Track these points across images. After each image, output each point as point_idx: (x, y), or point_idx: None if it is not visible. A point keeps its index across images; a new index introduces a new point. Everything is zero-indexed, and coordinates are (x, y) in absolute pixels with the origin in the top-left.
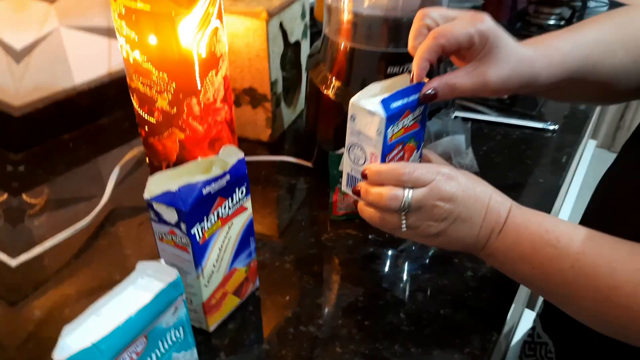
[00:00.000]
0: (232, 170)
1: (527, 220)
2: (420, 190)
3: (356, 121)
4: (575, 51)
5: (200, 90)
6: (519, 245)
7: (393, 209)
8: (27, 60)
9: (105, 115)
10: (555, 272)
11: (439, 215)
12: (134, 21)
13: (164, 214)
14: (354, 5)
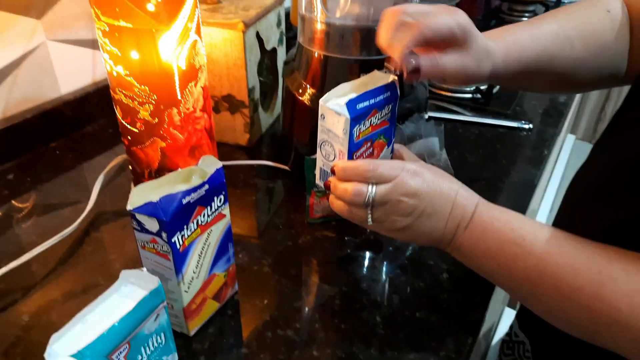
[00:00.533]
0: (210, 180)
1: (493, 217)
2: (384, 186)
3: (325, 120)
4: (534, 45)
5: (180, 101)
6: (484, 242)
7: (358, 204)
8: (16, 73)
9: (90, 123)
10: (519, 270)
11: (403, 210)
12: (117, 38)
13: (146, 224)
14: (326, 15)
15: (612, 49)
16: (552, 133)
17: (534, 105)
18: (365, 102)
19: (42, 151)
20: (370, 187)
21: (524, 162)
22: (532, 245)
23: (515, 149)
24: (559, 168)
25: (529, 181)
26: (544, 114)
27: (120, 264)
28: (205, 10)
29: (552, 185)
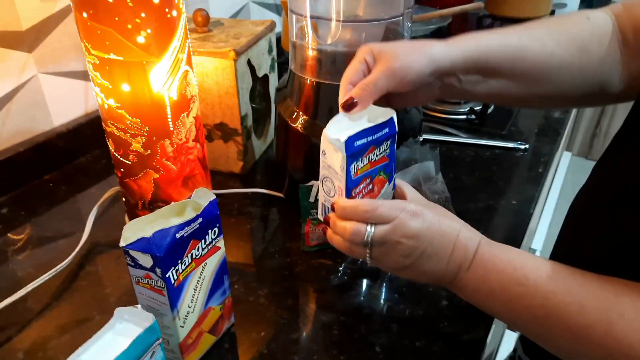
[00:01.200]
0: (204, 213)
1: (495, 257)
2: (383, 227)
3: (326, 155)
4: (489, 40)
5: (172, 132)
6: (487, 282)
7: (356, 243)
8: (8, 107)
9: (83, 154)
10: (524, 310)
11: (403, 251)
12: (108, 71)
13: (139, 259)
14: (317, 42)
15: (595, 55)
16: (548, 152)
17: (530, 124)
18: (362, 139)
19: (36, 184)
20: (369, 227)
21: (521, 182)
22: (536, 285)
23: (512, 170)
24: (556, 185)
25: (526, 202)
26: (540, 133)
27: (115, 298)
28: (196, 39)
29: (550, 203)
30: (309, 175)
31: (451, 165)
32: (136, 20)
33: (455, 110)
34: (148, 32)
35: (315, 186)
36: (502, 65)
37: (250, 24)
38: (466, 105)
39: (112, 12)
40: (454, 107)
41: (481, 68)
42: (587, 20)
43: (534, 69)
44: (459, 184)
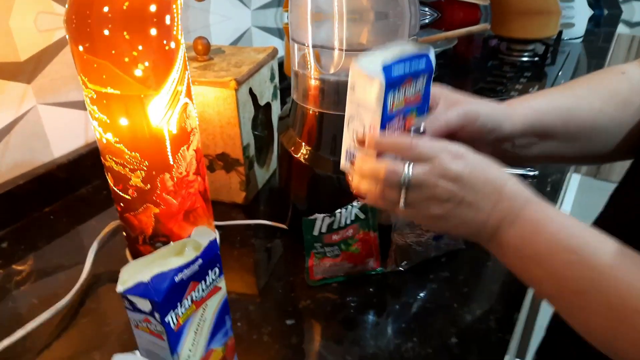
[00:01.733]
0: (204, 253)
1: (548, 218)
2: (422, 165)
3: (355, 90)
4: (540, 102)
5: (172, 166)
6: (533, 244)
7: (392, 183)
8: (7, 139)
9: (84, 185)
10: (571, 281)
11: (441, 196)
12: (105, 105)
13: (137, 304)
14: (320, 72)
15: (636, 105)
16: (557, 179)
17: None
18: (400, 68)
19: (36, 217)
20: (407, 166)
21: None
22: (592, 256)
23: None
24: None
25: None
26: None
27: (115, 336)
28: (197, 68)
29: None
30: (313, 206)
31: None
32: (133, 53)
33: None
34: (146, 65)
35: (319, 219)
36: (556, 126)
37: (252, 51)
38: None
39: (109, 45)
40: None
41: (536, 131)
42: (624, 75)
43: (586, 128)
44: None
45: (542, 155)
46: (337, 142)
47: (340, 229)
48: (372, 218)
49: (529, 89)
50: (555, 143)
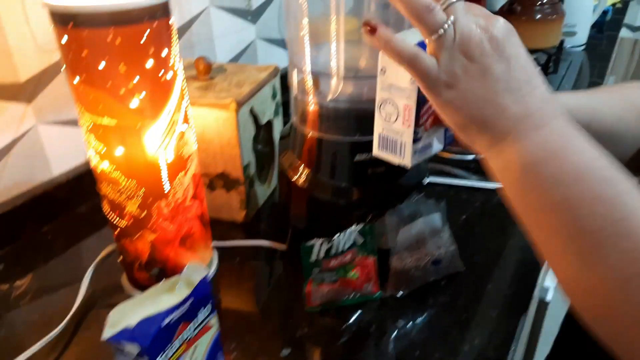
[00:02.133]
0: (195, 292)
1: (580, 138)
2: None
3: (387, 73)
4: (567, 99)
5: (169, 192)
6: (558, 160)
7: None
8: (5, 160)
9: (82, 203)
10: (596, 217)
11: (477, 44)
12: (101, 134)
13: (125, 348)
14: (319, 98)
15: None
16: None
17: None
18: None
19: (34, 236)
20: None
21: None
22: (625, 193)
23: None
24: None
25: None
26: None
27: None
28: (197, 88)
29: None
30: (312, 229)
31: (460, 211)
32: (129, 85)
33: (464, 151)
34: (142, 96)
35: (317, 245)
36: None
37: (254, 70)
38: None
39: (105, 77)
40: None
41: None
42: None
43: (605, 133)
44: (468, 231)
45: None
46: (336, 167)
47: (338, 254)
48: (370, 242)
49: None
50: None
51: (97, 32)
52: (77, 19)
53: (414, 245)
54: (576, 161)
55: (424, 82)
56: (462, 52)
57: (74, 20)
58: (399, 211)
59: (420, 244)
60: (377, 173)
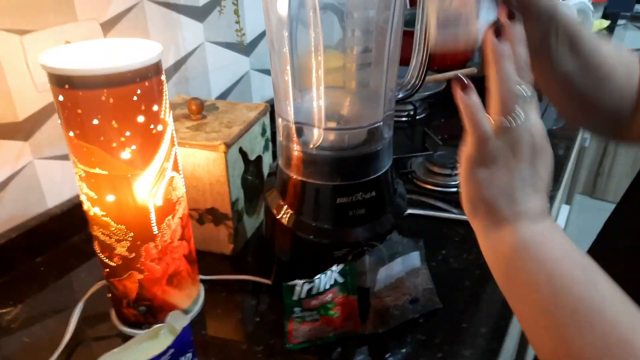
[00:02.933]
0: (176, 342)
1: (564, 234)
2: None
3: None
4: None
5: (157, 235)
6: (550, 244)
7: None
8: (2, 194)
9: (76, 233)
10: (569, 292)
11: (522, 148)
12: (94, 183)
13: None
14: (302, 145)
15: (617, 80)
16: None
17: None
18: None
19: (27, 268)
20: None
21: None
22: (595, 279)
23: None
24: (561, 220)
25: None
26: None
27: None
28: (189, 128)
29: None
30: (295, 266)
31: (440, 245)
32: (121, 139)
33: (446, 183)
34: (133, 148)
35: (299, 285)
36: (587, 45)
37: (244, 108)
38: (456, 178)
39: (98, 132)
40: (444, 180)
41: (573, 37)
42: (632, 54)
43: (606, 66)
44: (446, 267)
45: (567, 75)
46: (318, 209)
47: (319, 294)
48: (351, 282)
49: None
50: (579, 65)
51: (92, 93)
52: (72, 82)
53: (393, 284)
54: (560, 250)
55: (473, 148)
56: (511, 145)
57: (69, 82)
58: (379, 251)
59: (398, 282)
60: (357, 215)
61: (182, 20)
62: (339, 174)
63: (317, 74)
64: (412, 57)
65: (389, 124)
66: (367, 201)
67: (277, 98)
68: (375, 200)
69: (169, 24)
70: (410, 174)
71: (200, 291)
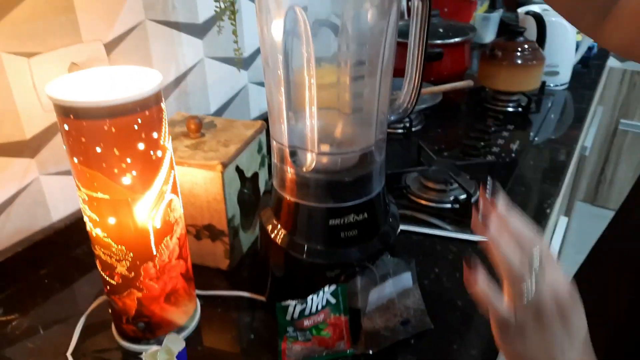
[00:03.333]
0: None
1: None
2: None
3: None
4: None
5: (155, 256)
6: None
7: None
8: (9, 210)
9: (79, 246)
10: None
11: (546, 311)
12: (96, 206)
13: None
14: (296, 168)
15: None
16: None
17: None
18: None
19: (31, 279)
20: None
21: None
22: None
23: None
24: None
25: None
26: None
27: None
28: (188, 146)
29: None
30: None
31: (432, 263)
32: (122, 165)
33: (441, 199)
34: (133, 174)
35: (292, 306)
36: None
37: (242, 126)
38: (451, 193)
39: (100, 159)
40: (439, 196)
41: None
42: None
43: None
44: (438, 287)
45: None
46: (311, 230)
47: (311, 314)
48: (342, 302)
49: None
50: None
51: (95, 122)
52: (77, 112)
53: (384, 305)
54: None
55: (499, 329)
56: (534, 314)
57: (74, 113)
58: (370, 272)
59: (390, 304)
60: (349, 236)
61: (182, 37)
62: (332, 197)
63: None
64: (405, 81)
65: (381, 147)
66: (359, 223)
67: (272, 120)
68: (367, 222)
69: (169, 41)
70: (405, 189)
71: (196, 307)
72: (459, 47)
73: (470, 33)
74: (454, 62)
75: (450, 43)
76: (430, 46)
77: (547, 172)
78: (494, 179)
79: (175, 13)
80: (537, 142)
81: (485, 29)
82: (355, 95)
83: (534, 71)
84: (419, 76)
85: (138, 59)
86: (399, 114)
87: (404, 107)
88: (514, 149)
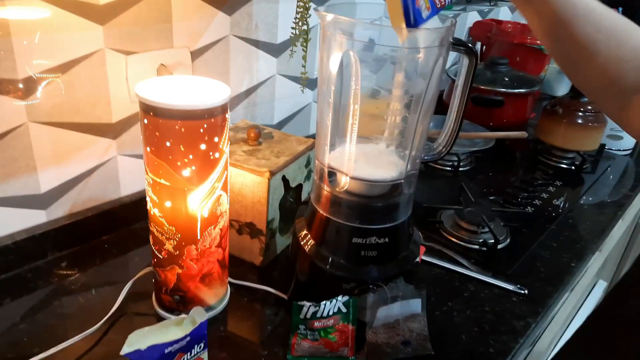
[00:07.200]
0: (194, 332)
1: None
2: None
3: None
4: None
5: (199, 240)
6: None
7: None
8: (88, 179)
9: (138, 221)
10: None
11: None
12: (157, 190)
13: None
14: (331, 187)
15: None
16: (545, 303)
17: (538, 267)
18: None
19: (94, 244)
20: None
21: (506, 332)
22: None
23: (502, 315)
24: (595, 294)
25: (502, 354)
26: (545, 280)
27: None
28: (245, 152)
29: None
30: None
31: (447, 297)
32: (185, 160)
33: (470, 240)
34: (192, 168)
35: (306, 307)
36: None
37: (295, 141)
38: (481, 236)
39: (168, 152)
40: (470, 236)
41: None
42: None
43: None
44: (448, 319)
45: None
46: (336, 244)
47: (322, 318)
48: (352, 313)
49: (554, 199)
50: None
51: (169, 122)
52: (156, 111)
53: (390, 324)
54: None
55: None
56: None
57: (153, 111)
58: (382, 291)
59: (396, 323)
60: (369, 256)
61: (259, 54)
62: (358, 217)
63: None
64: (445, 126)
65: (412, 181)
66: (379, 246)
67: (318, 141)
68: (387, 246)
69: (248, 56)
70: (438, 224)
71: (227, 292)
72: (521, 97)
73: (536, 86)
74: (516, 111)
75: (513, 93)
76: (493, 93)
77: (586, 233)
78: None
79: (257, 32)
80: (584, 202)
81: (559, 82)
82: (393, 129)
83: (593, 132)
84: (457, 125)
85: (218, 68)
86: (434, 155)
87: (439, 150)
88: (556, 205)
